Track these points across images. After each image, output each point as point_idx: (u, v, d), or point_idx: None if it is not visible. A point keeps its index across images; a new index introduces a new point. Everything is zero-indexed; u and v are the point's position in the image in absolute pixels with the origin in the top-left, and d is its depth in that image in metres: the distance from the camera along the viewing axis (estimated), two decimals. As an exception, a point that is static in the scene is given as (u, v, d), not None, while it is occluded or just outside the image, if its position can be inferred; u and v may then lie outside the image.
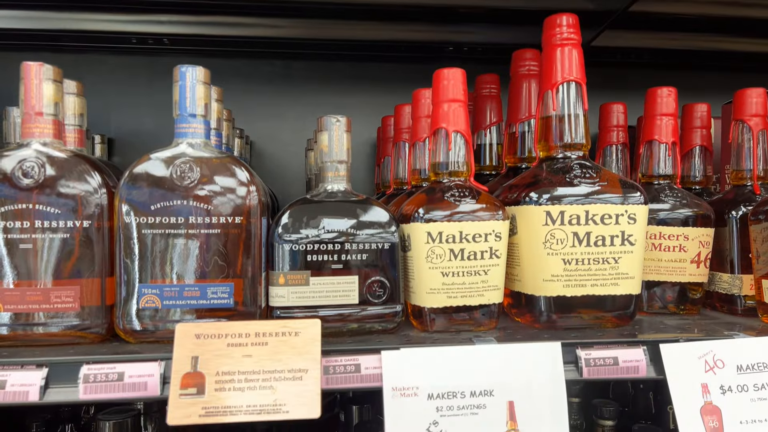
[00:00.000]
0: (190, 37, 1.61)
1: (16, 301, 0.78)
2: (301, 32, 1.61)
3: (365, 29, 1.62)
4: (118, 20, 1.54)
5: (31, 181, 0.78)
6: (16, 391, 0.71)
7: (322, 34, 1.63)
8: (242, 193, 0.82)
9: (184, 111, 0.83)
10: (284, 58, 1.75)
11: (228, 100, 1.54)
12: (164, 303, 0.80)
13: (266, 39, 1.64)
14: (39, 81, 0.81)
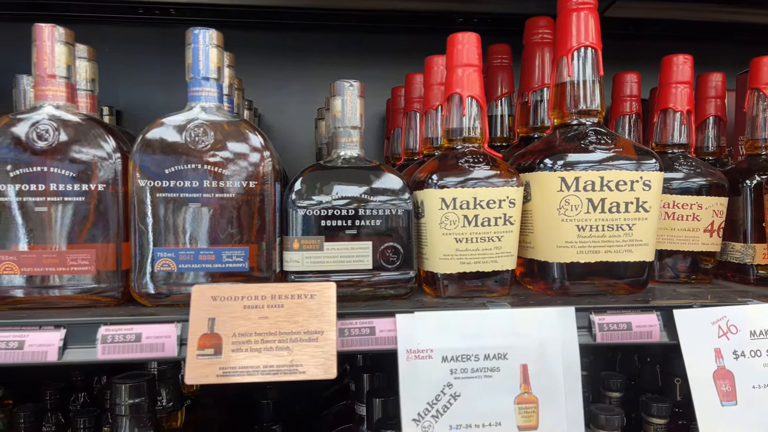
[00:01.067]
0: (198, 7, 1.59)
1: (32, 263, 0.79)
2: (310, 2, 1.60)
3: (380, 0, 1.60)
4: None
5: (45, 144, 0.78)
6: (35, 351, 0.72)
7: (330, 4, 1.61)
8: (256, 158, 0.82)
9: (197, 74, 0.82)
10: (292, 29, 1.73)
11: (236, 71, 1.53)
12: (179, 266, 0.81)
13: (274, 8, 1.62)
14: (51, 43, 0.80)
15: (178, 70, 1.75)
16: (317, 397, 1.50)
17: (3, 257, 0.78)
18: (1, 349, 0.71)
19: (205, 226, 0.81)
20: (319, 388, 1.54)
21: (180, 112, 0.83)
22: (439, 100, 1.07)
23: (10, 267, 0.78)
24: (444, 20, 1.69)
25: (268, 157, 0.83)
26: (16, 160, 0.78)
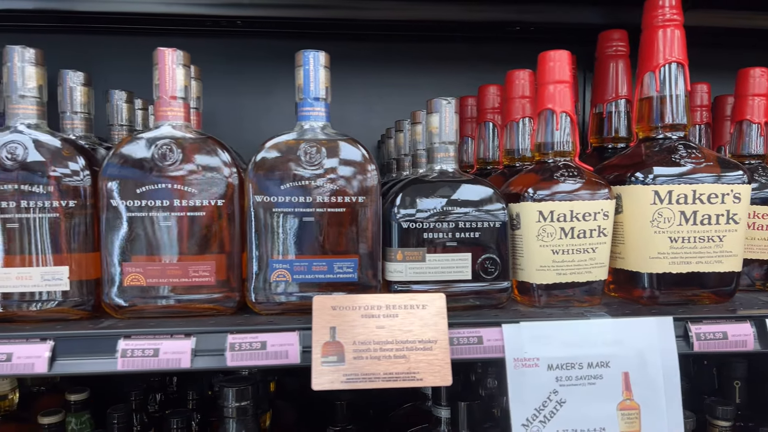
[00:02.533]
0: (264, 19, 1.63)
1: (157, 275, 0.83)
2: (367, 14, 1.63)
3: (431, 9, 1.63)
4: (194, 3, 1.57)
5: (168, 162, 0.83)
6: (169, 358, 0.77)
7: (385, 16, 1.64)
8: (363, 172, 0.86)
9: (307, 95, 0.86)
10: (350, 40, 1.77)
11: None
12: (294, 277, 0.85)
13: (332, 20, 1.66)
14: (173, 66, 0.85)
15: (245, 80, 1.80)
16: (385, 398, 1.54)
17: (130, 269, 0.83)
18: (139, 357, 0.76)
19: (318, 239, 0.85)
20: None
21: (291, 131, 0.87)
22: (521, 113, 1.10)
23: (137, 278, 0.83)
24: (500, 29, 1.72)
25: (373, 171, 0.87)
26: (140, 179, 0.83)
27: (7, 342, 0.76)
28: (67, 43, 1.71)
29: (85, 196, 0.83)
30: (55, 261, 0.82)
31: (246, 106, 1.77)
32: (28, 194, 0.80)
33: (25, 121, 0.83)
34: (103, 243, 0.83)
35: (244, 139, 1.74)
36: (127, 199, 0.82)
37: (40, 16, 1.59)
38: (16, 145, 0.80)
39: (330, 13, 1.62)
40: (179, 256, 0.84)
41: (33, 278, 0.81)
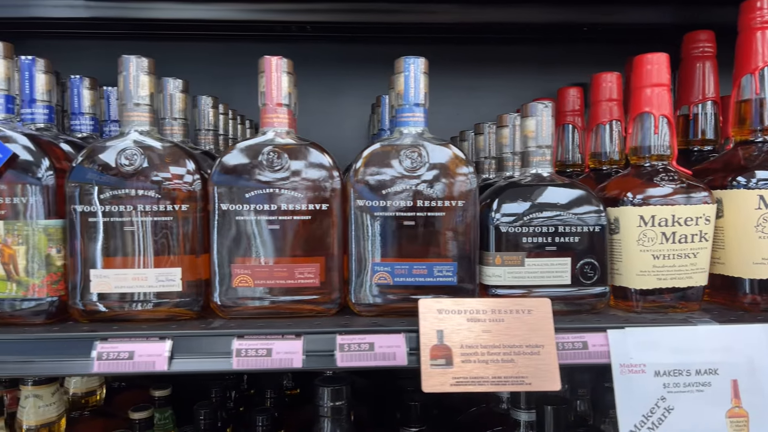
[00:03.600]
0: (332, 24, 1.66)
1: (265, 276, 0.86)
2: (436, 17, 1.64)
3: (500, 12, 1.63)
4: (264, 9, 1.61)
5: (275, 168, 0.85)
6: (282, 358, 0.79)
7: (440, 19, 1.64)
8: (464, 176, 0.87)
9: (408, 101, 0.88)
10: (421, 44, 1.78)
11: (374, 86, 1.61)
12: (395, 280, 0.86)
13: (401, 24, 1.67)
14: (278, 74, 0.87)
15: (313, 85, 1.81)
16: (451, 398, 1.54)
17: (239, 270, 0.86)
18: (253, 356, 0.79)
19: (418, 243, 0.86)
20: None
21: (392, 138, 0.89)
22: (609, 116, 1.10)
23: (245, 280, 0.86)
24: (567, 30, 1.71)
25: (471, 175, 0.87)
26: (249, 183, 0.85)
27: (129, 341, 0.79)
28: (141, 49, 1.78)
29: (195, 200, 0.86)
30: (168, 263, 0.85)
31: (313, 110, 1.80)
32: (143, 198, 0.83)
33: (139, 128, 0.86)
34: (212, 245, 0.86)
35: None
36: (236, 204, 0.85)
37: (115, 23, 1.65)
38: (133, 152, 0.84)
39: (399, 17, 1.63)
40: (285, 258, 0.86)
41: (148, 279, 0.84)
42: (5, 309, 0.83)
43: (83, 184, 0.83)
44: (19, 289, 0.82)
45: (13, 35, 1.09)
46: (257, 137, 0.88)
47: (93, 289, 0.84)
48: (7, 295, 0.83)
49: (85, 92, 1.12)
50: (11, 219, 0.82)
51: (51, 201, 0.83)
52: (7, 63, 0.85)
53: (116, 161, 0.84)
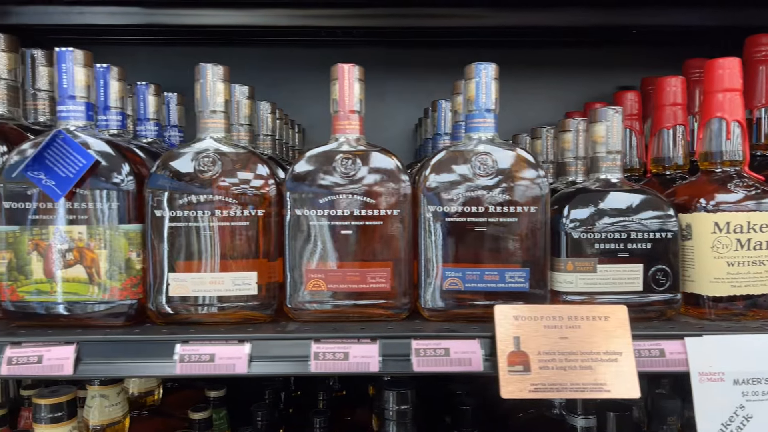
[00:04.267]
0: (376, 30, 1.66)
1: (337, 281, 0.87)
2: (484, 21, 1.64)
3: (544, 15, 1.62)
4: (310, 15, 1.62)
5: (347, 174, 0.86)
6: (359, 362, 0.80)
7: (499, 22, 1.64)
8: (535, 183, 0.87)
9: (479, 106, 0.88)
10: (467, 47, 1.78)
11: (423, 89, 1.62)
12: (466, 285, 0.87)
13: (449, 29, 1.67)
14: (351, 81, 0.88)
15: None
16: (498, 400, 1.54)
17: (312, 275, 0.87)
18: (330, 360, 0.80)
19: (489, 248, 0.87)
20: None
21: (460, 144, 0.89)
22: (673, 120, 1.08)
23: (318, 284, 0.87)
24: (614, 33, 1.70)
25: (543, 180, 0.87)
26: (323, 189, 0.86)
27: (209, 343, 0.81)
28: (190, 55, 1.80)
29: (269, 205, 0.87)
30: (244, 266, 0.86)
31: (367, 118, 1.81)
32: (220, 204, 0.85)
33: (214, 135, 0.88)
34: (286, 250, 0.87)
35: None
36: (309, 209, 0.86)
37: (164, 30, 1.68)
38: (210, 158, 0.86)
39: (443, 21, 1.63)
40: (357, 262, 0.87)
41: (225, 283, 0.86)
42: (87, 311, 0.85)
43: (161, 190, 0.85)
44: (100, 291, 0.85)
45: (65, 41, 1.11)
46: (330, 144, 0.89)
47: (171, 292, 0.86)
48: (88, 298, 0.85)
49: (150, 98, 1.14)
50: (94, 224, 0.84)
51: (131, 206, 0.85)
52: (88, 71, 0.87)
53: (193, 167, 0.85)
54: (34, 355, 0.79)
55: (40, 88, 1.17)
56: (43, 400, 0.92)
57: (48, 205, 0.84)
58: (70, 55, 0.85)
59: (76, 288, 0.84)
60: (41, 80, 1.17)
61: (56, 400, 0.93)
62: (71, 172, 0.82)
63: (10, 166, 0.84)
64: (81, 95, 0.87)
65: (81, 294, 0.84)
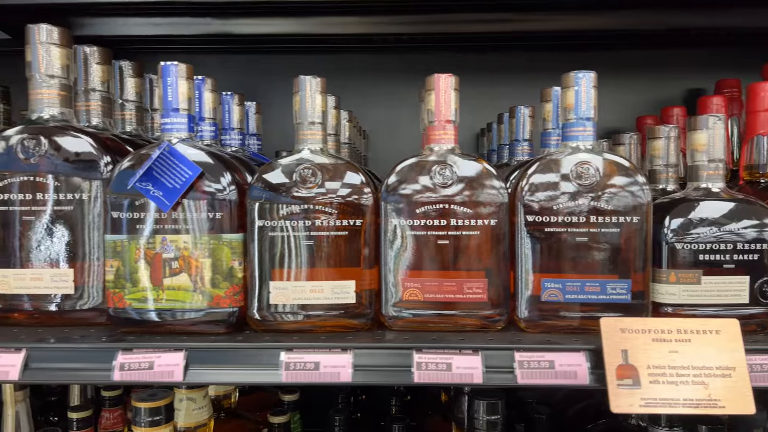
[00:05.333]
0: (433, 36, 1.65)
1: (434, 290, 0.87)
2: (543, 25, 1.61)
3: (600, 18, 1.59)
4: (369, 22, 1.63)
5: (445, 185, 0.86)
6: (462, 373, 0.80)
7: (558, 26, 1.62)
8: (639, 191, 0.85)
9: (578, 114, 0.87)
10: (528, 51, 1.76)
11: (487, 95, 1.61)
12: (566, 297, 0.86)
13: (509, 33, 1.65)
14: (447, 90, 0.88)
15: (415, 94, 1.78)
16: (570, 413, 1.52)
17: (409, 284, 0.87)
18: (433, 370, 0.80)
19: (591, 258, 0.85)
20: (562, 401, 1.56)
21: (558, 152, 0.88)
22: (766, 126, 1.05)
23: (415, 293, 0.87)
24: (683, 35, 1.66)
25: (646, 188, 0.86)
26: (421, 199, 0.87)
27: (312, 351, 0.82)
28: (249, 63, 1.84)
29: (367, 214, 0.88)
30: (342, 275, 0.87)
31: (403, 120, 1.81)
32: (319, 213, 0.86)
33: (312, 146, 0.89)
34: (382, 259, 0.88)
35: (398, 149, 1.80)
36: (407, 218, 0.87)
37: (224, 39, 1.71)
38: (308, 168, 0.87)
39: (501, 27, 1.62)
40: (453, 272, 0.87)
41: (324, 291, 0.87)
42: (191, 318, 0.87)
43: (263, 201, 0.87)
44: (204, 299, 0.87)
45: (137, 51, 1.14)
46: (425, 154, 0.89)
47: (272, 300, 0.87)
48: (192, 305, 0.87)
49: (234, 108, 1.16)
50: (198, 233, 0.86)
51: (233, 215, 0.87)
52: (190, 84, 0.90)
53: (294, 178, 0.87)
54: (146, 361, 0.82)
55: (128, 98, 1.21)
56: (144, 404, 0.95)
57: (154, 215, 0.86)
58: (175, 69, 0.88)
59: (181, 296, 0.87)
60: (129, 91, 1.21)
61: (156, 404, 0.95)
62: (178, 183, 0.85)
63: (116, 177, 0.87)
64: (184, 107, 0.89)
65: (185, 301, 0.87)
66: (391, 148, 1.81)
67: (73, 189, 0.91)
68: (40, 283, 0.92)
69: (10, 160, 0.91)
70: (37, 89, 0.94)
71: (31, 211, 0.91)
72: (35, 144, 0.91)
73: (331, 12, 1.61)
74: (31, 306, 0.92)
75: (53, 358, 0.83)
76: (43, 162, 0.90)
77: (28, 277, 0.92)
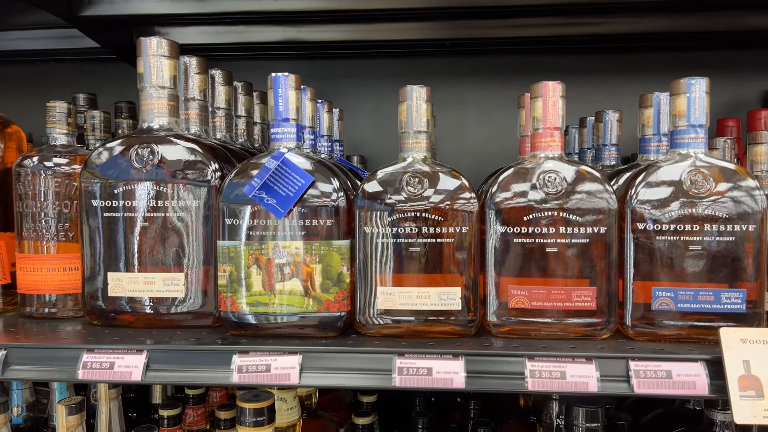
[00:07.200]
0: (504, 40, 1.65)
1: (542, 298, 0.87)
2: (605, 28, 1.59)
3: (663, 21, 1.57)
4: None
5: (554, 193, 0.87)
6: (577, 381, 0.80)
7: (620, 29, 1.59)
8: (754, 197, 0.84)
9: (689, 121, 0.86)
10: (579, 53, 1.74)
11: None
12: (678, 306, 0.85)
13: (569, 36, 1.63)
14: (555, 98, 0.88)
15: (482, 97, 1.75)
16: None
17: (516, 291, 0.88)
18: (546, 378, 0.80)
19: (702, 268, 0.84)
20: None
21: (667, 160, 0.87)
22: None
23: (521, 301, 0.88)
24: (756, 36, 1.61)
25: (761, 194, 0.84)
26: (529, 207, 0.87)
27: (424, 357, 0.83)
28: (307, 68, 1.87)
29: (471, 221, 0.88)
30: (447, 281, 0.88)
31: (470, 123, 1.81)
32: (425, 221, 0.87)
33: (418, 155, 0.91)
34: (488, 266, 0.89)
35: (465, 153, 1.80)
36: (513, 226, 0.87)
37: (283, 46, 1.74)
38: (416, 177, 0.88)
39: (564, 30, 1.60)
40: (560, 280, 0.87)
41: (431, 297, 0.88)
42: (301, 322, 0.90)
43: (370, 207, 0.88)
44: (314, 304, 0.89)
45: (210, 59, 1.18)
46: (530, 161, 0.90)
47: (379, 305, 0.89)
48: (303, 310, 0.89)
49: (324, 115, 1.19)
50: (309, 239, 0.88)
51: (342, 222, 0.89)
52: (298, 94, 0.92)
53: (401, 186, 0.88)
54: (263, 364, 0.84)
55: (219, 106, 1.25)
56: (248, 405, 0.98)
57: (267, 222, 0.89)
58: (285, 79, 0.90)
59: (293, 300, 0.89)
60: (219, 98, 1.25)
61: (260, 405, 0.98)
62: (291, 191, 0.87)
63: (229, 185, 0.90)
64: (293, 117, 0.91)
65: (297, 306, 0.89)
66: (458, 152, 1.82)
67: (184, 196, 0.94)
68: (152, 286, 0.96)
69: (124, 168, 0.95)
70: (148, 100, 0.97)
71: (145, 217, 0.95)
72: (149, 153, 0.94)
73: (395, 19, 1.63)
74: (141, 308, 0.96)
75: (173, 360, 0.87)
76: (155, 170, 0.94)
77: (141, 281, 0.96)
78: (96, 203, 0.95)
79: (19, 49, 1.68)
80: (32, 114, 1.44)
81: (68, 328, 0.99)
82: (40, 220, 1.04)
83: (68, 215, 1.04)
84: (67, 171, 1.04)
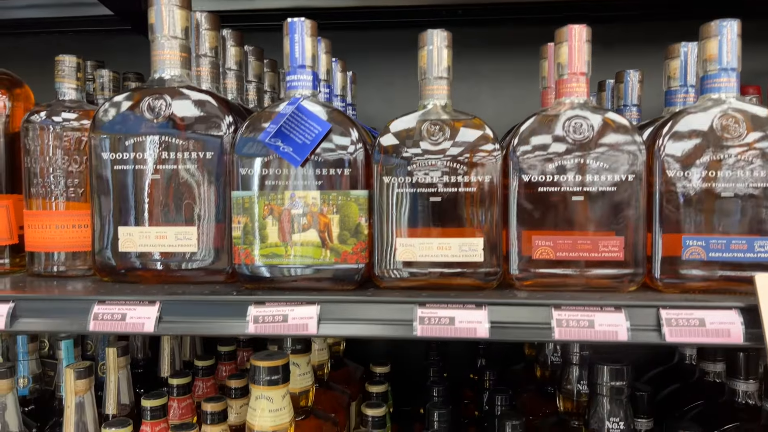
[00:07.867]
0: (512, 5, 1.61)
1: (567, 249, 0.84)
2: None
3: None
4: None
5: (581, 140, 0.84)
6: (606, 330, 0.77)
7: None
8: (787, 146, 0.81)
9: (720, 64, 0.83)
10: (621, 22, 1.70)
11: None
12: (709, 255, 0.82)
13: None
14: (580, 42, 0.85)
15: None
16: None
17: (540, 242, 0.85)
18: (574, 327, 0.77)
19: (737, 215, 0.81)
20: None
21: (696, 107, 0.84)
22: None
23: (546, 251, 0.85)
24: None
25: (793, 146, 0.81)
26: (552, 156, 0.84)
27: (444, 307, 0.80)
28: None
29: (495, 172, 0.86)
30: (469, 233, 0.85)
31: (482, 95, 1.77)
32: (449, 172, 0.85)
33: (439, 102, 0.88)
34: (512, 217, 0.86)
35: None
36: (539, 175, 0.84)
37: (293, 13, 1.70)
38: (437, 124, 0.85)
39: None
40: (587, 231, 0.84)
41: (452, 248, 0.85)
42: (319, 274, 0.87)
43: (389, 156, 0.86)
44: (332, 255, 0.86)
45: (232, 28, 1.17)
46: (555, 108, 0.87)
47: (399, 257, 0.86)
48: (321, 261, 0.87)
49: (338, 75, 1.16)
50: (326, 189, 0.86)
51: (360, 172, 0.86)
52: (314, 41, 0.89)
53: (420, 133, 0.85)
54: (279, 314, 0.82)
55: (230, 67, 1.22)
56: (262, 363, 0.95)
57: (282, 171, 0.86)
58: (301, 24, 0.88)
59: (310, 251, 0.86)
60: (230, 59, 1.22)
61: (274, 363, 0.95)
62: (308, 139, 0.84)
63: (243, 133, 0.88)
64: (309, 65, 0.89)
65: (314, 257, 0.86)
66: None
67: (198, 148, 0.91)
68: (164, 241, 0.93)
69: (135, 120, 0.92)
70: (159, 50, 0.95)
71: (156, 170, 0.92)
72: (161, 103, 0.92)
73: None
74: (152, 264, 0.93)
75: (186, 312, 0.84)
76: (167, 121, 0.91)
77: (153, 235, 0.93)
78: (106, 156, 0.93)
79: (27, 18, 1.65)
80: (38, 90, 1.42)
81: (78, 285, 0.96)
82: (49, 176, 1.01)
83: (77, 171, 1.02)
84: (76, 126, 1.01)
